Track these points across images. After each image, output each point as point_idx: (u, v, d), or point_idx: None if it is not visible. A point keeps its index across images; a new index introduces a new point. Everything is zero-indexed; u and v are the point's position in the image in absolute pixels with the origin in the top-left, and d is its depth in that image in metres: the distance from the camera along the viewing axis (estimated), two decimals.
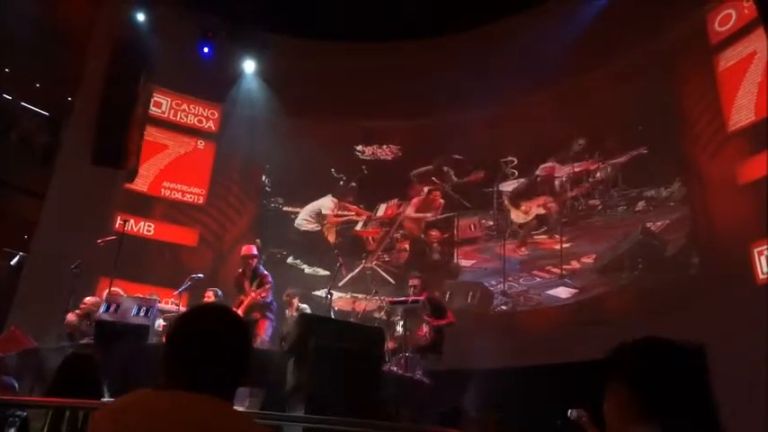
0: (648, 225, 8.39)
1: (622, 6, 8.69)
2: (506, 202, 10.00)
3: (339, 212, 10.97)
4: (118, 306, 5.75)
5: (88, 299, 6.99)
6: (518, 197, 9.86)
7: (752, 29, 7.28)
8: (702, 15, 8.08)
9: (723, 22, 7.84)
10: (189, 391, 1.33)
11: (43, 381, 4.85)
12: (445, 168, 10.60)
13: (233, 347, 1.44)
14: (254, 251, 7.52)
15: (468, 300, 9.64)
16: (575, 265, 9.04)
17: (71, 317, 6.66)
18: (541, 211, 9.58)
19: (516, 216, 9.79)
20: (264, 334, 6.97)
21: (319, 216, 10.97)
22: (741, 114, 7.40)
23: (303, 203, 11.00)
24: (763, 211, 6.67)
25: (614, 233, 8.76)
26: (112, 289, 7.14)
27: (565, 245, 9.25)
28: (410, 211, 10.74)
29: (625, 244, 8.57)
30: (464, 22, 9.81)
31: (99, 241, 7.53)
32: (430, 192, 10.65)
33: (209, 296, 7.62)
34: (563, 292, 9.00)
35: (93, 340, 5.70)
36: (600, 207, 9.08)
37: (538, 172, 9.76)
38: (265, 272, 7.31)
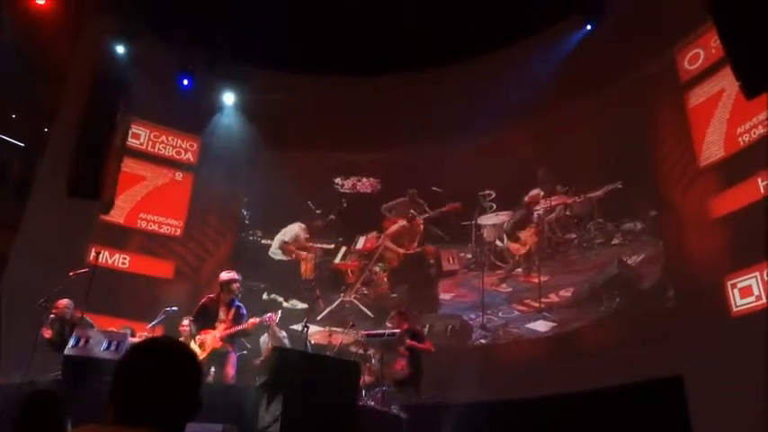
0: (625, 259, 8.49)
1: (596, 45, 8.95)
2: (496, 236, 9.95)
3: (309, 243, 10.90)
4: (87, 340, 5.58)
5: (60, 301, 6.87)
6: (514, 229, 9.84)
7: (719, 68, 7.51)
8: (672, 54, 8.34)
9: (692, 60, 8.09)
10: (133, 426, 1.31)
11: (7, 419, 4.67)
12: (420, 200, 10.64)
13: (179, 381, 1.41)
14: (239, 276, 7.08)
15: (447, 333, 9.59)
16: (553, 298, 9.06)
17: (46, 331, 6.67)
18: (535, 238, 9.59)
19: (516, 249, 9.74)
20: (232, 368, 6.70)
21: (290, 243, 10.87)
22: (711, 150, 7.58)
23: None
24: (736, 245, 6.79)
25: (591, 267, 8.83)
26: None
27: (543, 278, 9.28)
28: (391, 237, 10.69)
29: (602, 277, 8.64)
30: (443, 57, 9.99)
31: (71, 274, 7.37)
32: (413, 218, 10.64)
33: (185, 325, 7.46)
34: (542, 326, 8.99)
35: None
36: (577, 241, 9.16)
37: (526, 199, 9.81)
38: (239, 302, 6.97)
